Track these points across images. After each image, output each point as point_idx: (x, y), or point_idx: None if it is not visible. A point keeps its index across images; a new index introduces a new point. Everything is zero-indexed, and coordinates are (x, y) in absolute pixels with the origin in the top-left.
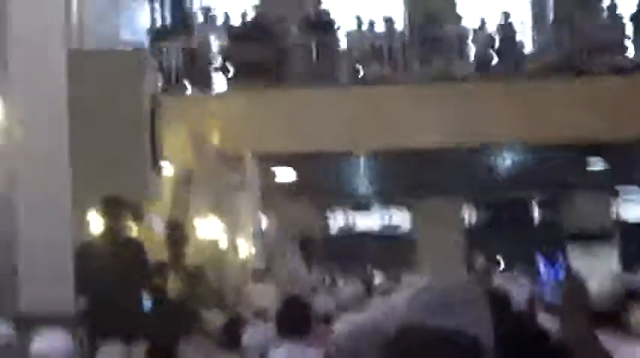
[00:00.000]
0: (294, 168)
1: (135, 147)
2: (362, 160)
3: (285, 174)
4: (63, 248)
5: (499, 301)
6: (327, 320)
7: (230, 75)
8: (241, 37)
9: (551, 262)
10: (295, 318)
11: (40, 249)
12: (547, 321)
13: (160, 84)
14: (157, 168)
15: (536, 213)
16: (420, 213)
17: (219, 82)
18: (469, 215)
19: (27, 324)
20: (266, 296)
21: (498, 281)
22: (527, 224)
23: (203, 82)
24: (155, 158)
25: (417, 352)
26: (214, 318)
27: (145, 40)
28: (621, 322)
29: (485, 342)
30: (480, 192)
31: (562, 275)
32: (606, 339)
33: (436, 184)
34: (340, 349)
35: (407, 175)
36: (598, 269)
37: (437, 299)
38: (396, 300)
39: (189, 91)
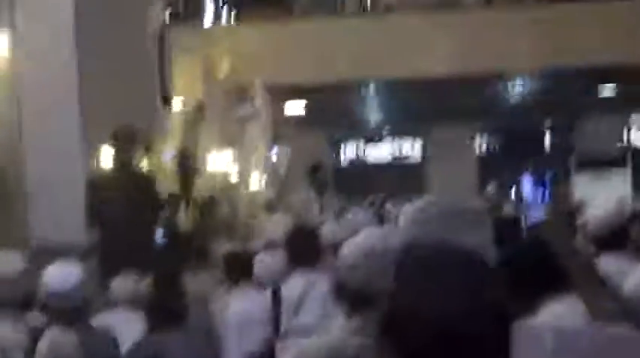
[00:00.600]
0: (305, 99)
1: (144, 79)
2: (372, 90)
3: (296, 106)
4: (74, 179)
5: (509, 226)
6: (337, 248)
7: (238, 5)
8: None
9: (541, 182)
10: (303, 247)
11: (51, 180)
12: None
13: (168, 14)
14: (167, 101)
15: (547, 141)
16: (430, 143)
17: (228, 13)
18: (480, 143)
19: (38, 255)
20: (278, 226)
21: (508, 208)
22: (539, 151)
23: (210, 13)
24: (164, 89)
25: (424, 268)
26: (226, 249)
27: None
28: (630, 244)
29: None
30: (491, 120)
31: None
32: (614, 260)
33: (446, 113)
34: (346, 271)
35: (417, 105)
36: (609, 195)
37: (443, 214)
38: (404, 215)
39: (197, 22)
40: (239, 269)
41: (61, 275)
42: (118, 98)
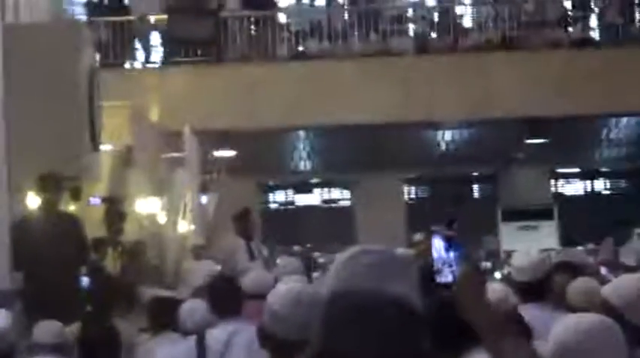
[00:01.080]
0: (234, 145)
1: (73, 124)
2: (302, 136)
3: (226, 152)
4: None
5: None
6: (264, 296)
7: (169, 50)
8: (180, 11)
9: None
10: (226, 295)
11: None
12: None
13: (97, 58)
14: (96, 145)
15: (475, 188)
16: (360, 189)
17: (157, 57)
18: (408, 191)
19: None
20: (204, 272)
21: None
22: (466, 200)
23: (142, 58)
24: (93, 135)
25: (351, 315)
26: (152, 295)
27: (82, 15)
28: (553, 294)
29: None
30: (420, 168)
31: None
32: (540, 311)
33: (376, 161)
34: (273, 320)
35: (347, 151)
36: (534, 246)
37: (372, 263)
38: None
39: (127, 66)
40: (164, 316)
41: None
42: (45, 142)
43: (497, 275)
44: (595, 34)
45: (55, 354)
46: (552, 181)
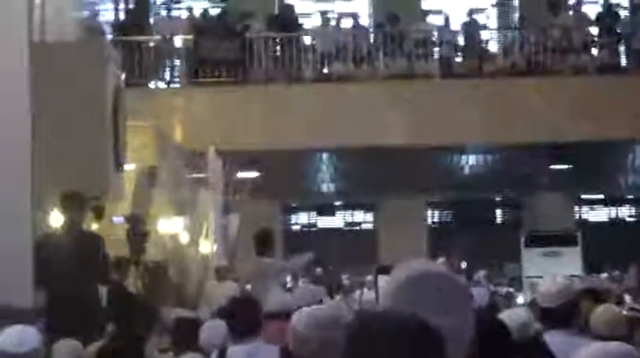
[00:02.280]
0: (257, 166)
1: (97, 143)
2: (325, 158)
3: (249, 172)
4: (23, 243)
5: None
6: (285, 316)
7: (194, 70)
8: (206, 32)
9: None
10: (245, 317)
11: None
12: None
13: (123, 78)
14: (119, 164)
15: (498, 214)
16: (383, 212)
17: (183, 78)
18: (432, 214)
19: None
20: (227, 293)
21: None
22: (489, 224)
23: (167, 78)
24: (117, 153)
25: (376, 338)
26: (175, 315)
27: (108, 34)
28: (577, 320)
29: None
30: (443, 191)
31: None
32: (565, 337)
33: (399, 183)
34: (298, 339)
35: (370, 173)
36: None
37: (437, 288)
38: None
39: (152, 86)
40: (186, 336)
41: (17, 337)
42: (69, 161)
43: (520, 300)
44: (621, 60)
45: None
46: (577, 207)
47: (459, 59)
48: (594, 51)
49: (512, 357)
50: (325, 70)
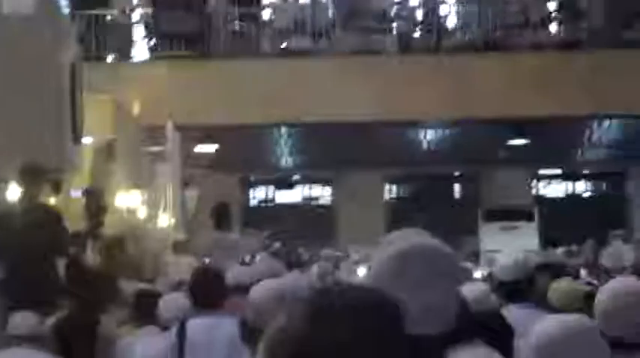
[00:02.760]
0: (216, 140)
1: (55, 115)
2: (284, 132)
3: (208, 145)
4: None
5: None
6: (244, 289)
7: (153, 44)
8: (166, 5)
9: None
10: (208, 289)
11: None
12: None
13: (81, 51)
14: (78, 137)
15: (457, 188)
16: (341, 187)
17: (142, 52)
18: (390, 189)
19: None
20: (185, 267)
21: None
22: (447, 198)
23: (125, 51)
24: (75, 128)
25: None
26: (132, 289)
27: (67, 7)
28: (534, 294)
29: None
30: (402, 166)
31: None
32: (522, 310)
33: (358, 158)
34: (256, 311)
35: (329, 148)
36: (516, 247)
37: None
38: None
39: (111, 60)
40: (146, 309)
41: None
42: (26, 135)
43: (478, 274)
44: (581, 35)
45: (30, 345)
46: (534, 182)
47: (417, 34)
48: (553, 26)
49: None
50: (284, 45)
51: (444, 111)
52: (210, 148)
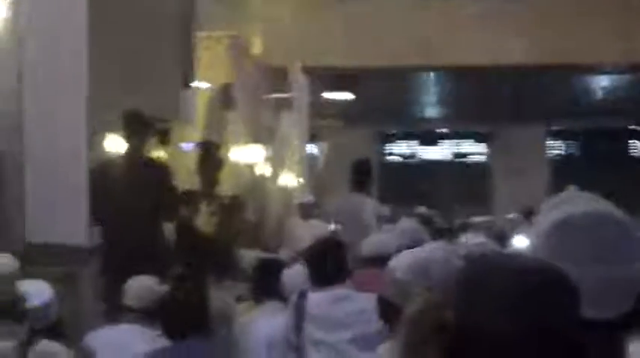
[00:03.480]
0: (350, 87)
1: (162, 56)
2: (430, 80)
3: (341, 93)
4: (76, 174)
5: None
6: (383, 260)
7: None
8: None
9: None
10: (327, 260)
11: (50, 174)
12: None
13: None
14: (188, 82)
15: (637, 146)
16: (497, 142)
17: None
18: (555, 145)
19: (33, 256)
20: (314, 233)
21: None
22: (624, 157)
23: None
24: (186, 69)
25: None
26: (252, 258)
27: None
28: None
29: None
30: (570, 118)
31: None
32: None
33: (517, 108)
34: (397, 287)
35: (483, 97)
36: None
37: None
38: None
39: None
40: (268, 282)
41: (36, 291)
42: (130, 78)
43: None
44: None
45: (143, 318)
46: None
47: None
48: None
49: None
50: None
51: (620, 54)
52: (344, 96)
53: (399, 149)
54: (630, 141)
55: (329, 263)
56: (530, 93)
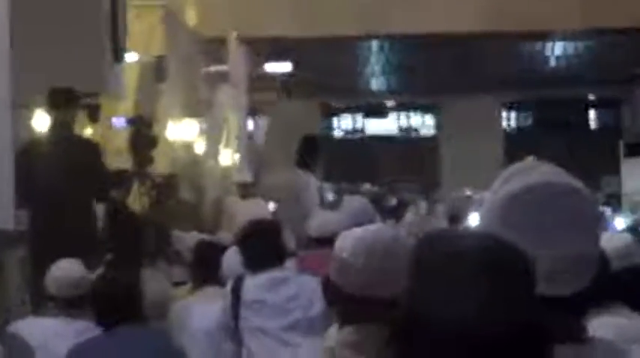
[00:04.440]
0: (291, 57)
1: (91, 26)
2: (375, 49)
3: (280, 64)
4: (1, 153)
5: None
6: (328, 241)
7: None
8: None
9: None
10: (263, 241)
11: None
12: None
13: None
14: (119, 55)
15: (592, 115)
16: (447, 114)
17: None
18: (508, 117)
19: None
20: (253, 213)
21: None
22: (580, 128)
23: None
24: (116, 40)
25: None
26: (188, 240)
27: None
28: None
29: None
30: (523, 88)
31: None
32: None
33: (468, 79)
34: (345, 269)
35: (432, 67)
36: None
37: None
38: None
39: None
40: (207, 265)
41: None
42: (57, 50)
43: (620, 222)
44: None
45: (68, 308)
46: None
47: None
48: None
49: (612, 291)
50: None
51: (576, 20)
52: (284, 68)
53: (345, 123)
54: (588, 111)
55: (263, 245)
56: (482, 62)
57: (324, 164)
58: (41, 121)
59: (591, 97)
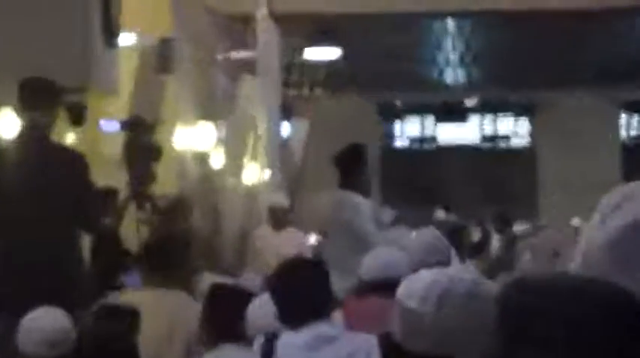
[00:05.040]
0: (339, 40)
1: (76, 6)
2: (450, 28)
3: (324, 49)
4: None
5: None
6: (388, 286)
7: None
8: None
9: None
10: (301, 291)
11: None
12: None
13: None
14: (112, 37)
15: None
16: (544, 117)
17: None
18: (628, 121)
19: None
20: (289, 249)
21: None
22: None
23: None
24: (108, 19)
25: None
26: (200, 284)
27: None
28: None
29: None
30: None
31: None
32: None
33: (571, 71)
34: (410, 322)
35: (524, 54)
36: None
37: None
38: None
39: None
40: (223, 317)
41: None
42: (29, 33)
43: None
44: None
45: None
46: None
47: None
48: None
49: None
50: None
51: None
52: (329, 53)
53: (410, 129)
54: None
55: (303, 292)
56: (592, 48)
57: (380, 183)
58: (7, 124)
59: None
